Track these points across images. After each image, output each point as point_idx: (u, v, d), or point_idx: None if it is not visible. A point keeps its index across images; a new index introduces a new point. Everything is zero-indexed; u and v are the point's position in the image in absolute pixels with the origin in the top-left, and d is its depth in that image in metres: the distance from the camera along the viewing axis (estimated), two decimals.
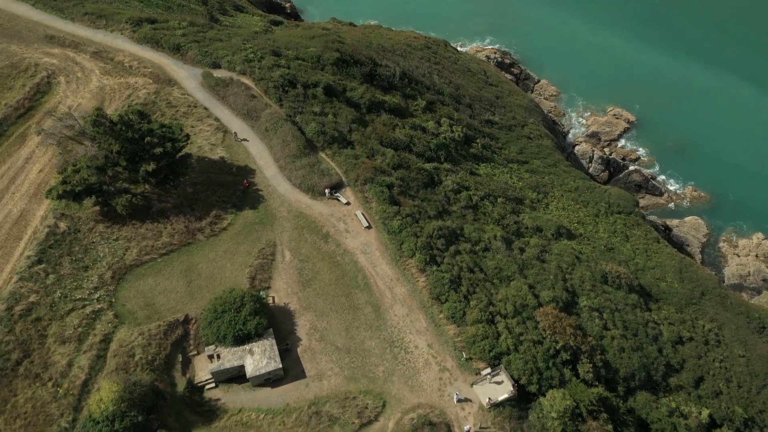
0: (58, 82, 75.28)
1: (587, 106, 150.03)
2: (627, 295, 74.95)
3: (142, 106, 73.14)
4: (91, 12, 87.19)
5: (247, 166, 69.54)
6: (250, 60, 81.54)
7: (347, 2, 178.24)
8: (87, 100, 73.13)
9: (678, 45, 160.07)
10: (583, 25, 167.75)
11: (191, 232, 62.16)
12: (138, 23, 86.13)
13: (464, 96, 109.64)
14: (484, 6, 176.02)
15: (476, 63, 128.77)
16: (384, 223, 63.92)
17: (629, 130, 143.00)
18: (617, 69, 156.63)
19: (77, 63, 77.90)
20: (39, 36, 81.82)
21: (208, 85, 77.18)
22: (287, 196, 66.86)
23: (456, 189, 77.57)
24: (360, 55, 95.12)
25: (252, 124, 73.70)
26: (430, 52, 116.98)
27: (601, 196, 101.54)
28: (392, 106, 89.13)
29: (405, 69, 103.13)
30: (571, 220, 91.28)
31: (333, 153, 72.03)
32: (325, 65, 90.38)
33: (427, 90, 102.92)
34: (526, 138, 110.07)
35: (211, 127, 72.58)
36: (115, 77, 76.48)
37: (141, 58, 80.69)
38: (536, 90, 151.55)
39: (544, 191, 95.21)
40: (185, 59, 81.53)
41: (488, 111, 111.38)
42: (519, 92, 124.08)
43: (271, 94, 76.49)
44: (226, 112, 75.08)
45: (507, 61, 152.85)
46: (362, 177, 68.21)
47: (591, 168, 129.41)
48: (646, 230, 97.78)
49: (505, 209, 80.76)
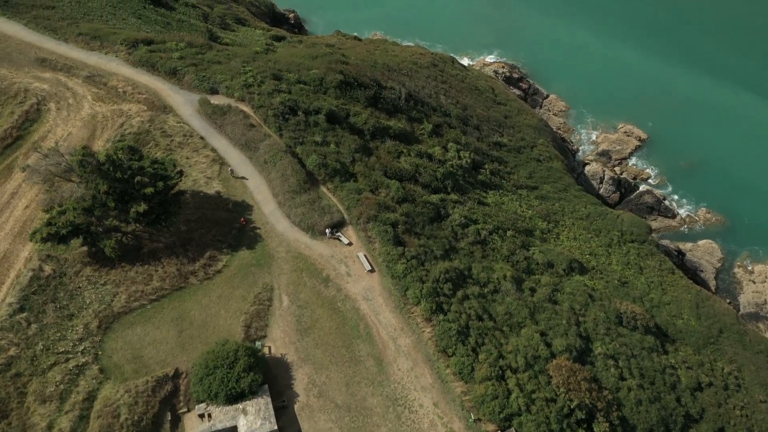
0: (48, 109, 71.97)
1: (597, 123, 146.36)
2: (643, 337, 71.26)
3: (135, 135, 69.90)
4: (86, 33, 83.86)
5: (245, 202, 66.08)
6: (249, 85, 78.11)
7: (351, 12, 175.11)
8: (78, 129, 69.80)
9: (692, 59, 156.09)
10: (594, 38, 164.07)
11: (184, 275, 58.70)
12: (134, 45, 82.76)
13: (472, 117, 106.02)
14: (491, 18, 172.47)
15: (484, 80, 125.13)
16: (388, 266, 60.36)
17: (640, 148, 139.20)
18: (628, 84, 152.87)
19: (69, 88, 74.58)
20: (30, 59, 78.56)
21: (205, 112, 73.79)
22: (286, 235, 63.38)
23: (463, 223, 73.95)
24: (364, 77, 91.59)
25: (250, 155, 70.26)
26: (437, 71, 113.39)
27: (614, 223, 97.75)
28: (397, 131, 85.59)
29: (411, 90, 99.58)
30: (582, 252, 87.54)
31: (335, 187, 68.51)
32: (327, 88, 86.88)
33: (433, 112, 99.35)
34: (536, 161, 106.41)
35: (207, 158, 69.16)
36: (108, 104, 73.13)
37: (136, 83, 77.34)
38: (545, 105, 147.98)
39: (554, 220, 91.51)
40: (182, 84, 78.13)
41: (497, 132, 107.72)
42: (528, 111, 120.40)
43: (271, 123, 73.03)
44: (223, 142, 71.66)
45: (515, 75, 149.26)
46: (365, 215, 64.68)
47: (602, 189, 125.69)
48: (660, 260, 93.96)
49: (515, 243, 77.10)
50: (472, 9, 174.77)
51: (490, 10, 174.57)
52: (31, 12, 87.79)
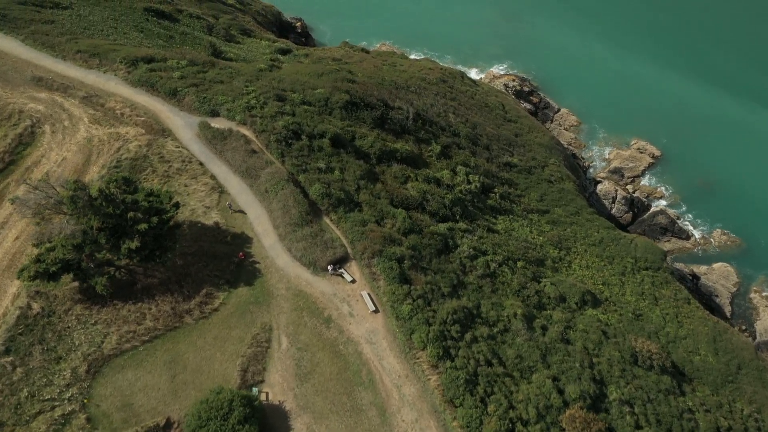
0: (42, 132, 69.40)
1: (609, 139, 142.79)
2: (659, 377, 67.99)
3: (132, 161, 67.23)
4: (84, 50, 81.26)
5: (244, 234, 63.26)
6: (251, 107, 75.31)
7: (359, 21, 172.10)
8: (73, 153, 67.20)
9: (708, 74, 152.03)
10: (607, 51, 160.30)
11: (179, 314, 55.92)
12: (134, 63, 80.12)
13: (481, 136, 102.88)
14: (502, 29, 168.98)
15: (494, 95, 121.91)
16: (393, 307, 57.38)
17: (654, 166, 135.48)
18: (642, 98, 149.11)
19: (65, 110, 72.00)
20: (26, 78, 76.00)
21: (205, 137, 71.03)
22: (286, 270, 60.49)
23: (472, 255, 70.90)
24: (371, 97, 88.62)
25: (251, 183, 67.44)
26: (446, 87, 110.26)
27: (627, 249, 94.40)
28: (404, 154, 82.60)
29: (419, 109, 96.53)
30: (595, 281, 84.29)
31: (338, 218, 65.59)
32: (333, 109, 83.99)
33: (442, 131, 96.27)
34: (547, 182, 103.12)
35: (206, 186, 66.38)
36: (105, 126, 70.49)
37: (134, 104, 74.68)
38: (556, 120, 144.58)
39: (566, 247, 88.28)
40: (182, 105, 75.41)
41: (507, 152, 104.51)
42: (539, 128, 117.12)
43: (273, 149, 70.21)
44: (223, 168, 68.88)
45: (526, 89, 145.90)
46: (369, 249, 61.70)
47: (614, 209, 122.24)
48: (676, 289, 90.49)
49: (525, 276, 73.96)
50: (482, 19, 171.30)
51: (501, 21, 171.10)
52: (29, 27, 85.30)
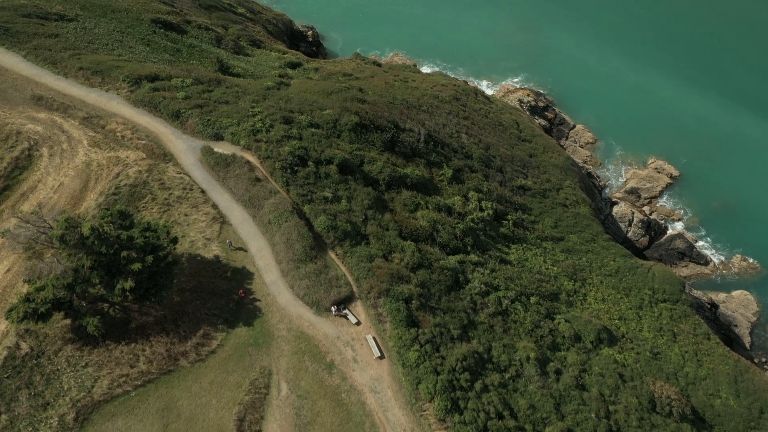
0: (40, 155, 66.99)
1: (626, 156, 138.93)
2: (678, 425, 64.56)
3: (131, 187, 64.63)
4: (87, 67, 78.83)
5: (245, 269, 60.45)
6: (257, 131, 72.51)
7: (372, 30, 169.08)
8: (70, 179, 64.72)
9: (730, 91, 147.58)
10: (625, 65, 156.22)
11: (173, 356, 53.19)
12: (137, 81, 77.57)
13: (495, 157, 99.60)
14: (517, 41, 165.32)
15: (508, 112, 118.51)
16: (399, 353, 54.35)
17: (672, 186, 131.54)
18: (661, 115, 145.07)
19: (64, 131, 69.56)
20: (25, 96, 73.65)
21: (208, 163, 68.31)
22: (288, 309, 57.61)
23: (483, 291, 67.71)
24: (381, 119, 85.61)
25: (254, 213, 64.65)
26: (459, 105, 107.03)
27: (644, 279, 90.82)
28: (415, 180, 79.50)
29: (431, 129, 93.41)
30: (611, 316, 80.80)
31: (344, 252, 62.62)
32: (342, 131, 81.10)
33: (454, 154, 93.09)
34: (562, 206, 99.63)
35: (207, 216, 63.65)
36: (105, 150, 67.99)
37: (136, 126, 72.14)
38: (571, 136, 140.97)
39: (581, 278, 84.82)
40: (185, 128, 72.77)
41: (521, 174, 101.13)
42: (554, 148, 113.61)
43: (278, 177, 67.36)
44: (225, 196, 66.13)
45: (541, 104, 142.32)
46: (376, 289, 58.70)
47: (630, 232, 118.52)
48: (695, 323, 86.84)
49: (539, 313, 70.69)
50: (496, 30, 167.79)
51: (516, 32, 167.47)
52: (32, 41, 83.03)
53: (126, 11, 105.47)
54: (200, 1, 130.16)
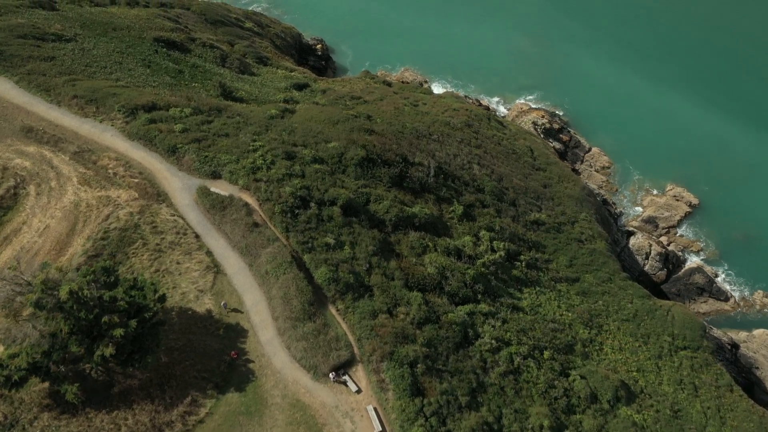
0: (26, 193, 63.30)
1: (643, 182, 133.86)
2: None
3: (120, 232, 60.77)
4: (81, 94, 75.03)
5: (239, 325, 56.38)
6: (257, 168, 68.50)
7: (382, 43, 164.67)
8: (57, 221, 60.96)
9: (755, 117, 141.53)
10: (645, 86, 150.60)
11: (158, 427, 49.17)
12: (133, 112, 73.74)
13: (508, 189, 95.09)
14: (532, 57, 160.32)
15: (522, 138, 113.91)
16: (402, 427, 50.09)
17: (691, 215, 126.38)
18: (681, 139, 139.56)
19: (53, 167, 65.85)
20: (15, 127, 70.00)
21: (204, 204, 64.36)
22: (283, 373, 53.46)
23: (494, 347, 63.35)
24: (389, 153, 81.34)
25: (250, 262, 60.60)
26: (471, 132, 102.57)
27: (663, 323, 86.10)
28: (423, 219, 75.19)
29: (441, 161, 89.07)
30: (629, 367, 76.12)
31: (346, 307, 58.43)
32: (347, 166, 76.95)
33: (465, 187, 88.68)
34: (577, 241, 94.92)
35: (201, 265, 59.66)
36: (95, 188, 64.19)
37: (129, 162, 68.29)
38: (587, 160, 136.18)
39: (597, 324, 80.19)
40: (181, 164, 68.82)
41: (535, 206, 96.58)
42: (569, 177, 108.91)
43: (277, 221, 63.28)
44: (221, 242, 62.13)
45: (555, 126, 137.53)
46: (379, 351, 54.48)
47: (647, 265, 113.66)
48: (717, 373, 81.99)
49: (553, 369, 66.19)
50: (511, 46, 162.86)
51: (531, 48, 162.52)
52: (26, 65, 79.34)
53: (128, 29, 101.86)
54: (206, 16, 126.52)
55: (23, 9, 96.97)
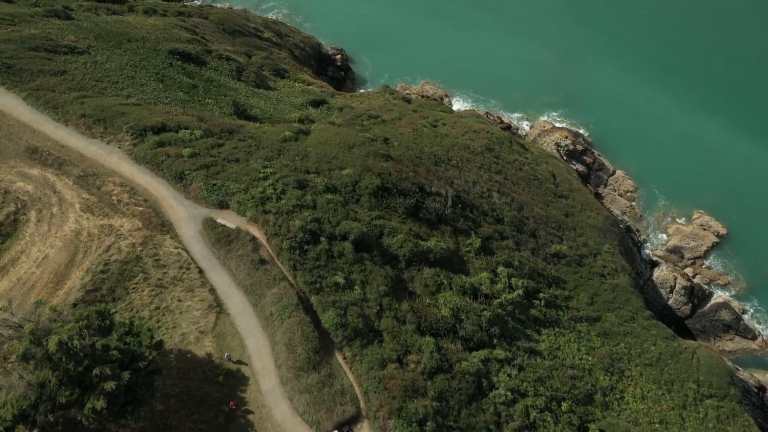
0: (27, 219, 60.98)
1: (669, 209, 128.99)
2: None
3: (121, 264, 58.15)
4: (90, 114, 72.65)
5: (240, 372, 53.38)
6: (266, 199, 65.55)
7: (402, 54, 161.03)
8: (56, 251, 58.51)
9: None
10: (675, 107, 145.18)
11: None
12: (141, 133, 71.19)
13: (528, 219, 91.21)
14: (557, 73, 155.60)
15: (545, 162, 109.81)
16: None
17: (718, 246, 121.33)
18: (710, 164, 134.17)
19: (56, 192, 63.46)
20: (19, 148, 67.76)
21: (209, 237, 61.55)
22: (284, 427, 50.33)
23: (510, 399, 59.73)
24: (405, 182, 77.94)
25: (255, 302, 57.64)
26: (492, 157, 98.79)
27: (688, 368, 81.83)
28: (439, 255, 71.76)
29: (459, 189, 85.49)
30: (651, 418, 72.01)
31: (353, 355, 55.23)
32: (361, 195, 73.77)
33: (484, 217, 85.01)
34: (599, 276, 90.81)
35: (203, 304, 56.82)
36: (98, 216, 61.68)
37: (134, 187, 65.72)
38: (610, 183, 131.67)
39: (619, 369, 76.13)
40: (188, 192, 66.08)
41: (556, 237, 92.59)
42: (592, 205, 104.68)
43: (285, 259, 60.25)
44: (225, 279, 59.25)
45: (579, 147, 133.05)
46: (386, 407, 51.19)
47: (671, 299, 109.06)
48: (744, 425, 77.63)
49: (571, 423, 62.36)
50: (535, 61, 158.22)
51: (557, 64, 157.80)
52: (35, 80, 77.18)
53: (143, 40, 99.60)
54: (224, 26, 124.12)
55: (38, 18, 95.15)
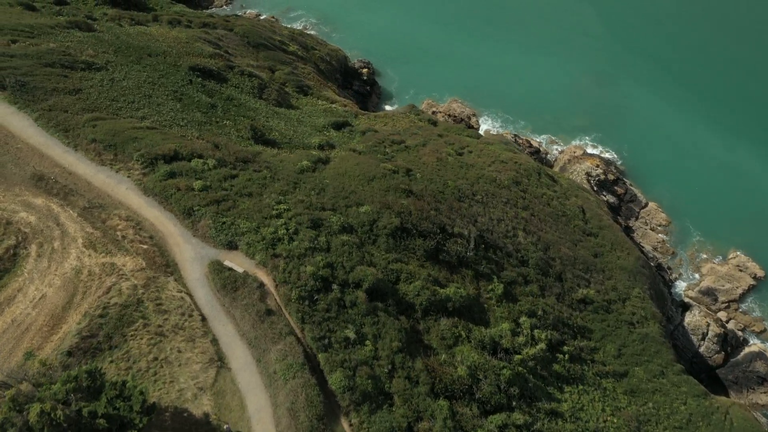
0: (27, 254, 58.29)
1: (703, 245, 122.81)
2: None
3: (121, 308, 55.04)
4: (101, 139, 69.83)
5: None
6: (277, 240, 62.01)
7: (430, 69, 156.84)
8: (54, 290, 55.69)
9: None
10: (715, 137, 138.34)
11: None
12: (152, 162, 68.12)
13: (555, 260, 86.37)
14: (590, 96, 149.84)
15: (574, 195, 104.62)
16: None
17: (756, 289, 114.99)
18: (750, 201, 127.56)
19: (59, 224, 60.70)
20: (25, 174, 65.17)
21: (214, 282, 58.17)
22: None
23: None
24: (425, 222, 73.84)
25: (259, 357, 54.08)
26: (519, 191, 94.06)
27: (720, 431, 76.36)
28: (458, 303, 67.54)
29: (483, 228, 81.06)
30: None
31: (360, 422, 51.31)
32: (378, 236, 69.85)
33: (507, 259, 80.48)
34: (627, 324, 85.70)
35: (204, 356, 53.42)
36: (100, 253, 58.73)
37: (141, 222, 62.67)
38: (642, 216, 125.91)
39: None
40: (196, 230, 62.81)
41: (583, 280, 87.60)
42: (623, 244, 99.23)
43: (293, 310, 56.58)
44: (229, 328, 55.81)
45: (611, 176, 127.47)
46: None
47: (702, 347, 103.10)
48: None
49: None
50: (568, 82, 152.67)
51: (590, 86, 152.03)
52: (48, 99, 74.68)
53: (164, 55, 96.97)
54: (249, 39, 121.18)
55: (58, 30, 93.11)
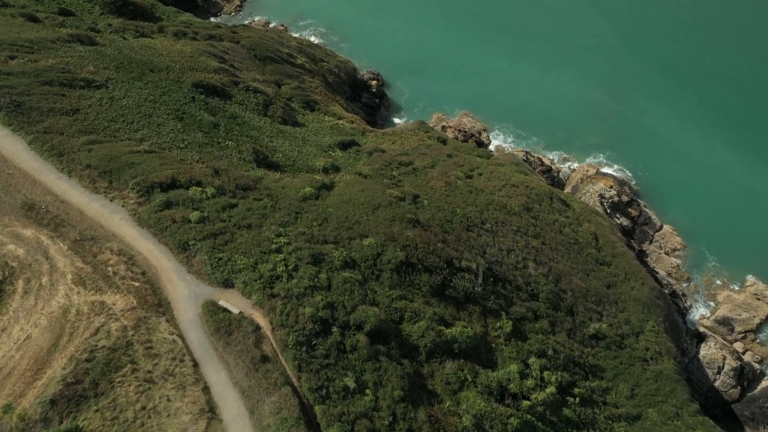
0: (13, 290, 55.79)
1: (719, 271, 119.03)
2: None
3: (109, 352, 52.29)
4: (96, 164, 67.19)
5: None
6: (275, 279, 59.14)
7: (440, 82, 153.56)
8: (40, 330, 53.09)
9: None
10: (736, 159, 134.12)
11: None
12: (148, 191, 65.39)
13: (566, 293, 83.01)
14: (606, 111, 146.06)
15: (587, 220, 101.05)
16: None
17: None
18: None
19: (48, 258, 58.12)
20: (15, 203, 62.64)
21: (208, 324, 55.34)
22: None
23: None
24: (432, 256, 70.73)
25: (252, 408, 51.17)
26: (530, 218, 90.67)
27: None
28: (464, 344, 64.40)
29: (492, 260, 77.82)
30: None
31: None
32: (382, 271, 66.83)
33: (517, 293, 77.22)
34: (641, 361, 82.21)
35: (194, 406, 50.56)
36: (90, 291, 56.07)
37: (134, 256, 59.92)
38: (656, 240, 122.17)
39: None
40: (191, 265, 60.01)
41: (595, 314, 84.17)
42: (637, 273, 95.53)
43: (289, 357, 53.65)
44: (222, 375, 52.94)
45: (625, 198, 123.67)
46: None
47: (718, 381, 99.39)
48: None
49: None
50: (582, 97, 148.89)
51: (605, 102, 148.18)
52: (44, 121, 72.14)
53: (167, 70, 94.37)
54: (256, 52, 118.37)
55: (59, 44, 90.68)
